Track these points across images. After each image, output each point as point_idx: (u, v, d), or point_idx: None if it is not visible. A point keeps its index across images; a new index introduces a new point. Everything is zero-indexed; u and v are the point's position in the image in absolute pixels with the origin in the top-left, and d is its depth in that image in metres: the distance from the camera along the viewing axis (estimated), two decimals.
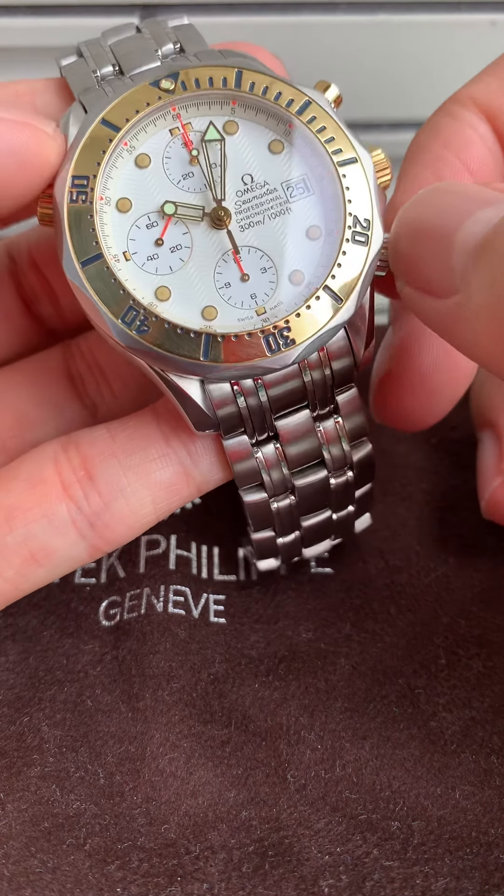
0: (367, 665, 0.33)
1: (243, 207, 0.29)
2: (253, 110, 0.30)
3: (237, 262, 0.29)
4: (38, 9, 0.40)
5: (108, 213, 0.29)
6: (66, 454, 0.29)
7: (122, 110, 0.29)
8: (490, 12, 0.42)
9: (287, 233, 0.29)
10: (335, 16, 0.42)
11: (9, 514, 0.29)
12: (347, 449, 0.31)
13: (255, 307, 0.29)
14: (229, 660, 0.34)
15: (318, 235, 0.29)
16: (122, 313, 0.28)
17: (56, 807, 0.30)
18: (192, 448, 0.30)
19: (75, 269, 0.28)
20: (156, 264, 0.29)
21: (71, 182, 0.28)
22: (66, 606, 0.35)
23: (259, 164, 0.30)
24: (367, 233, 0.29)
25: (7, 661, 0.34)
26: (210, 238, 0.29)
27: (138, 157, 0.29)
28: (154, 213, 0.29)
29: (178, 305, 0.28)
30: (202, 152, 0.29)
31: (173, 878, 0.28)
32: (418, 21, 0.42)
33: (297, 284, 0.29)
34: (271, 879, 0.28)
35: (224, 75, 0.29)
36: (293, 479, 0.31)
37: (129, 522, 0.29)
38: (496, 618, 0.35)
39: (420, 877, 0.28)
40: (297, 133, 0.30)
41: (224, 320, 0.28)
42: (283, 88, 0.30)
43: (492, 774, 0.31)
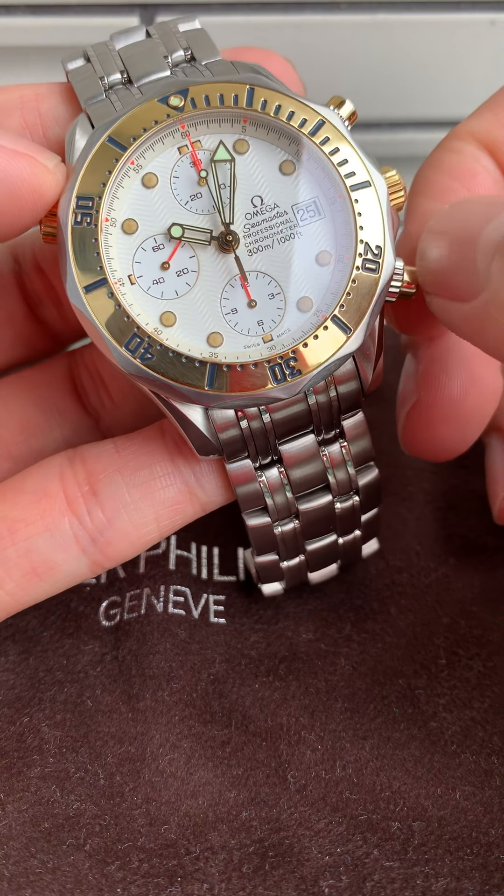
0: (367, 665, 0.33)
1: (252, 231, 0.28)
2: (264, 129, 0.29)
3: (244, 288, 0.28)
4: (38, 8, 0.40)
5: (114, 234, 0.28)
6: (73, 469, 0.29)
7: (128, 128, 0.28)
8: (489, 12, 0.42)
9: (296, 258, 0.28)
10: (335, 15, 0.42)
11: (11, 526, 0.29)
12: (353, 473, 0.30)
13: (262, 334, 0.28)
14: (229, 660, 0.34)
15: (328, 261, 0.28)
16: (126, 341, 0.27)
17: (56, 807, 0.30)
18: (198, 468, 0.29)
19: (79, 294, 0.27)
20: (161, 288, 0.28)
21: (75, 203, 0.27)
22: (67, 607, 0.35)
23: (269, 185, 0.29)
24: (378, 260, 0.28)
25: (7, 662, 0.34)
26: (217, 262, 0.28)
27: (145, 177, 0.28)
28: (160, 236, 0.28)
29: (183, 331, 0.28)
30: (211, 173, 0.28)
31: (173, 879, 0.28)
32: (418, 20, 0.42)
33: (305, 311, 0.28)
34: (271, 880, 0.28)
35: (235, 92, 0.28)
36: (297, 503, 0.30)
37: (131, 539, 0.29)
38: (496, 618, 0.35)
39: (420, 877, 0.28)
40: (308, 154, 0.29)
41: (230, 347, 0.28)
42: (296, 107, 0.28)
43: (492, 775, 0.31)
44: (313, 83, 0.43)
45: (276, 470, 0.29)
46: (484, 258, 0.25)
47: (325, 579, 0.34)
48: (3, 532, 0.29)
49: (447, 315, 0.27)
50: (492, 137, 0.31)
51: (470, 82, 0.45)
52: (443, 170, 0.31)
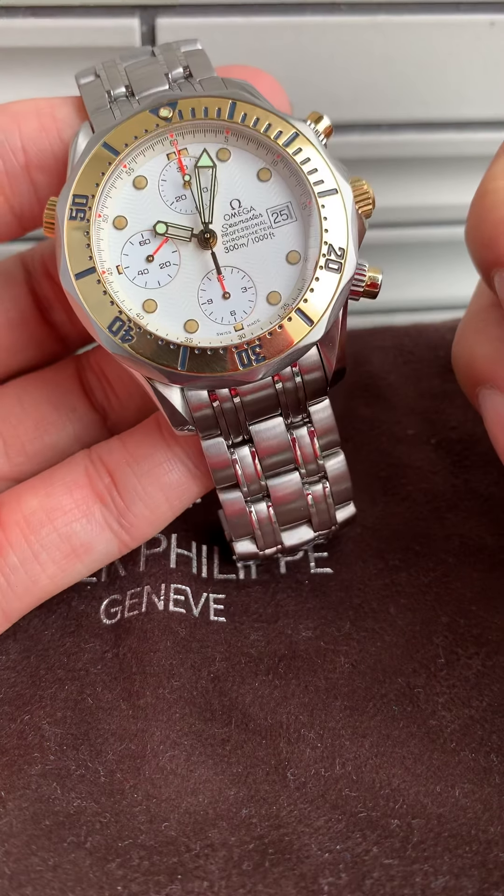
0: (366, 664, 0.34)
1: (229, 230, 0.31)
2: (245, 139, 0.31)
3: (220, 281, 0.31)
4: (37, 9, 0.40)
5: (105, 229, 0.31)
6: (94, 464, 0.33)
7: (122, 135, 0.31)
8: (489, 13, 0.42)
9: (268, 256, 0.31)
10: (335, 16, 0.42)
11: (50, 514, 0.32)
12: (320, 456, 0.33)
13: (234, 323, 0.31)
14: (229, 658, 0.34)
15: (297, 260, 0.31)
16: (109, 323, 0.30)
17: (57, 805, 0.30)
18: (192, 451, 0.32)
19: (70, 280, 0.30)
20: (145, 279, 0.31)
21: (72, 201, 0.30)
22: (68, 605, 0.35)
23: (247, 190, 0.31)
24: (340, 260, 0.30)
25: (8, 660, 0.34)
26: (197, 257, 0.31)
27: (136, 179, 0.31)
28: (147, 232, 0.31)
29: (162, 318, 0.31)
30: (194, 177, 0.31)
31: (174, 876, 0.28)
32: (418, 22, 0.42)
33: (274, 304, 0.31)
34: (271, 877, 0.28)
35: (219, 106, 0.31)
36: (267, 481, 0.33)
37: (150, 520, 0.33)
38: (495, 617, 0.35)
39: (419, 875, 0.28)
40: (283, 163, 0.31)
41: (204, 333, 0.30)
42: (273, 120, 0.31)
43: (491, 773, 0.31)
44: (313, 84, 0.44)
45: (248, 449, 0.32)
46: None
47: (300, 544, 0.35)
48: (43, 519, 0.32)
49: None
50: None
51: (470, 83, 0.45)
52: None
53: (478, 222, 0.30)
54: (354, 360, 0.43)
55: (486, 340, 0.32)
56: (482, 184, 0.30)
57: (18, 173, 0.33)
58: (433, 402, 0.42)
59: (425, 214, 0.49)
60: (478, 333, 0.33)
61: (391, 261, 0.51)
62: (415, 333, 0.45)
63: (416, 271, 0.52)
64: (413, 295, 0.52)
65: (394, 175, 0.47)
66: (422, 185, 0.48)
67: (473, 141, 0.46)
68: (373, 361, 0.44)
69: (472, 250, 0.31)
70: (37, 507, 0.32)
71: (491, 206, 0.29)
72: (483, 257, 0.30)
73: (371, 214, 0.32)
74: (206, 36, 0.41)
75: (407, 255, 0.51)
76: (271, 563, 0.37)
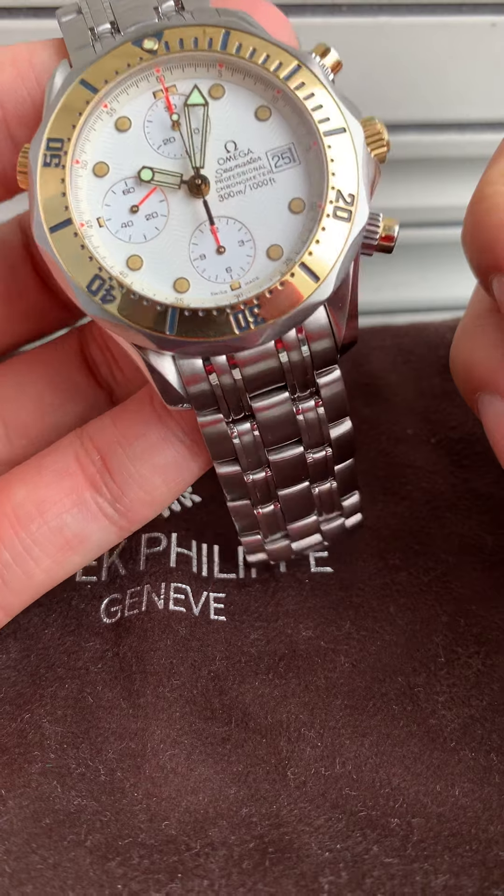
0: (366, 663, 0.34)
1: (224, 176, 0.28)
2: (241, 74, 0.28)
3: (213, 234, 0.28)
4: (38, 10, 0.40)
5: (84, 176, 0.28)
6: (84, 447, 0.30)
7: (101, 71, 0.28)
8: (491, 14, 0.42)
9: (269, 205, 0.28)
10: (337, 18, 0.42)
11: (40, 506, 0.30)
12: (325, 428, 0.30)
13: (230, 281, 0.27)
14: (229, 657, 0.34)
15: (300, 209, 0.28)
16: (88, 281, 0.27)
17: (57, 803, 0.30)
18: (187, 426, 0.30)
19: (44, 233, 0.27)
20: (129, 231, 0.28)
21: (45, 145, 0.27)
22: (68, 604, 0.35)
23: (244, 130, 0.28)
24: (350, 208, 0.27)
25: (9, 659, 0.34)
26: (187, 207, 0.28)
27: (118, 121, 0.28)
28: (131, 179, 0.28)
29: (149, 275, 0.27)
30: (184, 117, 0.28)
31: (174, 875, 0.28)
32: (419, 23, 0.42)
33: (275, 259, 0.28)
34: (271, 876, 0.28)
35: (210, 36, 0.28)
36: (269, 454, 0.30)
37: (147, 502, 0.31)
38: (495, 616, 0.35)
39: (420, 873, 0.28)
40: (284, 99, 0.28)
41: (196, 293, 0.27)
42: (273, 52, 0.28)
43: (491, 772, 0.31)
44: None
45: (248, 424, 0.29)
46: None
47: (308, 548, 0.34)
48: (32, 513, 0.30)
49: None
50: None
51: (471, 85, 0.45)
52: None
53: (475, 227, 0.28)
54: (354, 360, 0.43)
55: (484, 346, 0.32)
56: (479, 188, 0.29)
57: None
58: (433, 402, 0.42)
59: (426, 215, 0.49)
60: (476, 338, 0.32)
61: (391, 261, 0.51)
62: (414, 333, 0.45)
63: (416, 271, 0.52)
64: (413, 295, 0.53)
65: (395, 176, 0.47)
66: (423, 186, 0.48)
67: (475, 142, 0.46)
68: (372, 361, 0.44)
69: (469, 255, 0.29)
70: (24, 498, 0.30)
71: (488, 210, 0.28)
72: (481, 262, 0.29)
73: (385, 159, 0.28)
74: None
75: (407, 255, 0.51)
76: None
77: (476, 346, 0.32)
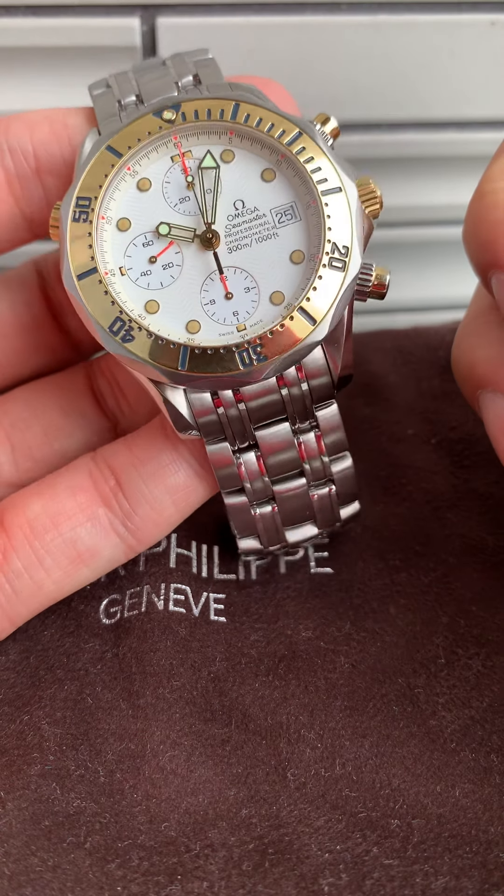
0: (366, 664, 0.33)
1: (233, 231, 0.31)
2: (248, 140, 0.31)
3: (223, 282, 0.31)
4: (38, 9, 0.40)
5: (108, 231, 0.31)
6: (98, 467, 0.32)
7: (126, 138, 0.31)
8: (490, 12, 0.42)
9: (272, 256, 0.31)
10: (336, 16, 0.42)
11: (55, 519, 0.32)
12: (327, 461, 0.32)
13: (237, 324, 0.30)
14: (229, 658, 0.34)
15: (300, 260, 0.31)
16: (110, 323, 0.30)
17: (56, 805, 0.30)
18: (197, 452, 0.32)
19: (72, 280, 0.30)
20: (148, 280, 0.31)
21: (75, 203, 0.31)
22: (67, 605, 0.35)
23: (251, 190, 0.31)
24: (344, 259, 0.30)
25: (7, 661, 0.34)
26: (199, 258, 0.31)
27: (140, 181, 0.31)
28: (150, 233, 0.31)
29: (164, 318, 0.30)
30: (197, 178, 0.31)
31: (173, 877, 0.28)
32: (419, 21, 0.42)
33: (277, 304, 0.30)
34: (271, 877, 0.28)
35: (222, 107, 0.31)
36: (273, 486, 0.33)
37: (156, 522, 0.32)
38: (495, 617, 0.35)
39: (420, 875, 0.28)
40: (287, 163, 0.31)
41: (206, 334, 0.30)
42: (277, 121, 0.31)
43: (491, 773, 0.31)
44: (314, 84, 0.44)
45: (254, 454, 0.32)
46: None
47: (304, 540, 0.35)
48: (47, 524, 0.32)
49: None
50: None
51: (471, 83, 0.45)
52: None
53: (475, 224, 0.29)
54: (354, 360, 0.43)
55: (485, 343, 0.32)
56: (480, 185, 0.30)
57: (29, 177, 0.33)
58: (433, 402, 0.42)
59: (425, 214, 0.49)
60: (477, 336, 0.33)
61: (391, 261, 0.51)
62: (414, 335, 0.45)
63: (416, 271, 0.52)
64: (413, 295, 0.52)
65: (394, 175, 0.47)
66: (422, 185, 0.48)
67: (474, 141, 0.46)
68: (373, 362, 0.44)
69: (469, 252, 0.30)
70: (40, 511, 0.32)
71: (488, 207, 0.29)
72: (480, 259, 0.29)
73: (378, 215, 0.31)
74: (206, 36, 0.41)
75: (407, 255, 0.51)
76: (271, 563, 0.36)
77: (477, 344, 0.32)
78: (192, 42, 0.41)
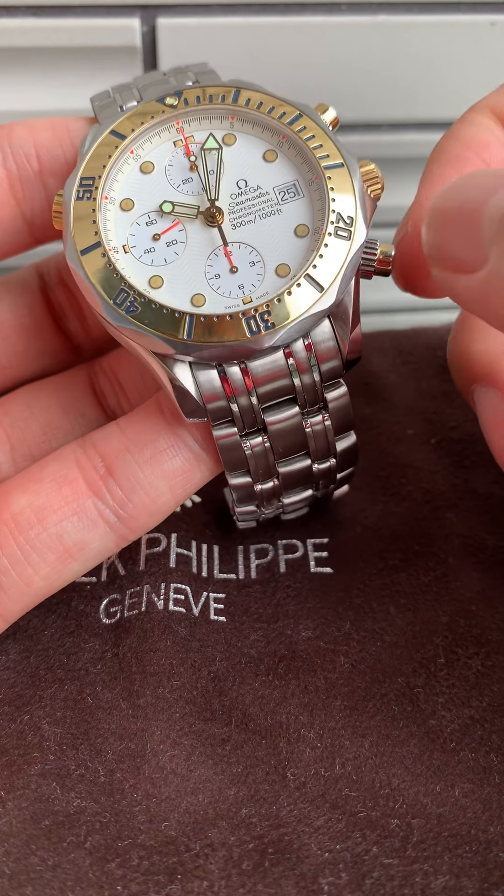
0: (366, 664, 0.34)
1: (236, 208, 0.31)
2: (250, 124, 0.32)
3: (227, 256, 0.30)
4: (37, 9, 0.40)
5: (112, 210, 0.31)
6: (87, 454, 0.31)
7: (129, 122, 0.32)
8: (490, 13, 0.42)
9: (276, 231, 0.31)
10: (336, 17, 0.42)
11: (39, 514, 0.31)
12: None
13: (242, 296, 0.30)
14: (229, 658, 0.34)
15: (305, 233, 0.31)
16: (114, 295, 0.29)
17: (56, 804, 0.30)
18: (198, 434, 0.31)
19: (76, 255, 0.30)
20: (152, 256, 0.31)
21: (79, 183, 0.31)
22: (67, 605, 0.35)
23: (253, 170, 0.31)
24: (349, 228, 0.30)
25: (8, 661, 0.34)
26: (204, 233, 0.31)
27: (143, 164, 0.32)
28: (154, 212, 0.31)
29: (169, 293, 0.30)
30: (200, 159, 0.32)
31: (173, 876, 0.28)
32: (418, 22, 0.42)
33: (283, 277, 0.30)
34: (271, 877, 0.28)
35: (223, 93, 0.32)
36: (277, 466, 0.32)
37: (150, 510, 0.31)
38: (495, 617, 0.35)
39: (419, 874, 0.28)
40: (289, 143, 0.31)
41: (211, 307, 0.30)
42: (277, 104, 0.32)
43: (491, 772, 0.31)
44: (315, 85, 0.44)
45: (260, 437, 0.31)
46: (488, 229, 0.26)
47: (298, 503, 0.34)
48: (31, 520, 0.31)
49: (451, 287, 0.28)
50: None
51: (470, 83, 0.45)
52: (458, 140, 0.33)
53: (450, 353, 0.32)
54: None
55: (480, 338, 0.33)
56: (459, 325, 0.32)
57: (31, 178, 0.33)
58: (433, 402, 0.42)
59: None
60: (472, 332, 0.33)
61: None
62: (413, 335, 0.45)
63: None
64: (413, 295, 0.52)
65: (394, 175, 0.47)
66: None
67: None
68: (372, 362, 0.44)
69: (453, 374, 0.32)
70: (25, 505, 0.31)
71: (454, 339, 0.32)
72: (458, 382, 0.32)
73: (380, 197, 0.31)
74: (206, 36, 0.41)
75: None
76: (271, 562, 0.36)
77: (472, 340, 0.33)
78: (192, 42, 0.41)
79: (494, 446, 0.31)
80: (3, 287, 0.37)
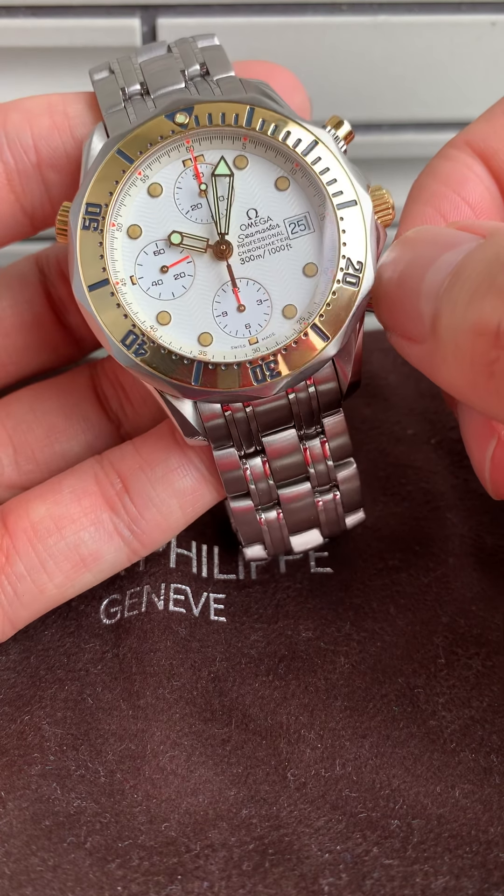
0: (366, 664, 0.34)
1: (246, 241, 0.31)
2: (263, 147, 0.31)
3: (235, 293, 0.30)
4: (37, 9, 0.40)
5: (119, 238, 0.30)
6: (104, 470, 0.32)
7: (137, 142, 0.30)
8: (490, 13, 0.42)
9: (285, 268, 0.30)
10: (337, 17, 0.42)
11: (59, 522, 0.32)
12: (331, 466, 0.32)
13: (249, 337, 0.30)
14: (229, 658, 0.34)
15: (313, 273, 0.30)
16: (123, 336, 0.29)
17: (57, 805, 0.30)
18: (205, 457, 0.32)
19: (83, 292, 0.30)
20: (160, 290, 0.30)
21: (84, 209, 0.30)
22: (67, 605, 0.35)
23: (264, 199, 0.31)
24: (358, 275, 0.30)
25: (8, 661, 0.34)
26: (212, 269, 0.31)
27: (151, 187, 0.31)
28: (162, 241, 0.31)
29: (176, 330, 0.30)
30: (211, 186, 0.31)
31: (174, 877, 0.28)
32: (419, 22, 0.42)
33: (289, 318, 0.30)
34: (271, 878, 0.28)
35: (236, 112, 0.31)
36: (278, 490, 0.32)
37: (162, 528, 0.32)
38: (495, 617, 0.35)
39: (420, 875, 0.28)
40: (302, 172, 0.31)
41: (218, 347, 0.30)
42: (292, 128, 0.31)
43: (491, 773, 0.31)
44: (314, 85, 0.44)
45: (260, 459, 0.32)
46: (427, 305, 0.26)
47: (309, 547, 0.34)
48: (51, 528, 0.31)
49: (405, 353, 0.28)
50: (485, 145, 0.33)
51: (471, 83, 0.45)
52: (436, 176, 0.32)
53: None
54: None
55: None
56: None
57: (30, 172, 0.32)
58: (433, 402, 0.42)
59: None
60: None
61: None
62: None
63: None
64: None
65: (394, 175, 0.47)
66: None
67: None
68: (372, 362, 0.44)
69: None
70: (44, 514, 0.32)
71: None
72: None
73: (391, 223, 0.31)
74: None
75: None
76: (271, 562, 0.37)
77: None
78: None
79: (474, 458, 0.31)
80: (3, 282, 0.37)
